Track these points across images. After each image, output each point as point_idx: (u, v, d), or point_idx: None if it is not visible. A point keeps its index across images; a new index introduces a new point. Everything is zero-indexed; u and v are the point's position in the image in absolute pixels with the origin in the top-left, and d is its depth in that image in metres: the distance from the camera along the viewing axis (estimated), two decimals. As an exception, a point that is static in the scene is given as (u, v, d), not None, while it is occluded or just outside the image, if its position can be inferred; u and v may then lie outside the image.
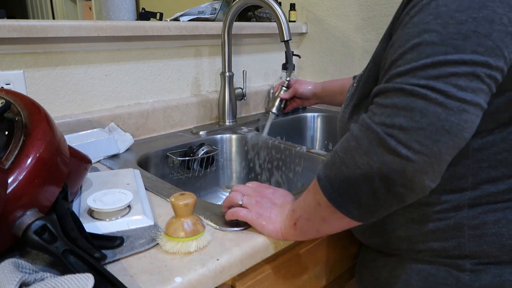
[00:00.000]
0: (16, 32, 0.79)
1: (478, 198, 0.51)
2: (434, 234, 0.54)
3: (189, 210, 0.53)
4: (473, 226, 0.51)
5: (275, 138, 1.06)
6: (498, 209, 0.51)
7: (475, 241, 0.51)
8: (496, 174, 0.50)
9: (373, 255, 0.65)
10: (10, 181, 0.45)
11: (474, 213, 0.51)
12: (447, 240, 0.53)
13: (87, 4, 2.68)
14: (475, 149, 0.50)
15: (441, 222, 0.53)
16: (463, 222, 0.52)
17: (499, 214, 0.50)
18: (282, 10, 0.94)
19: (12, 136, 0.48)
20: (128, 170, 0.75)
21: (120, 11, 1.36)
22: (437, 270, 0.55)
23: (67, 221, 0.49)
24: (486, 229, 0.51)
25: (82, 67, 0.93)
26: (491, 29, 0.40)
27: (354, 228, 0.66)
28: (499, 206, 0.51)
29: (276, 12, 0.93)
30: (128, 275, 0.48)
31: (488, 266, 0.52)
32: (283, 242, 0.60)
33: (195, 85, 1.18)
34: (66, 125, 0.89)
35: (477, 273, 0.52)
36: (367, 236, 0.64)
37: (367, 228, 0.62)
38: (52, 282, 0.40)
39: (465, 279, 0.52)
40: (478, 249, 0.51)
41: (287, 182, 1.03)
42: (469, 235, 0.51)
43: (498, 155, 0.49)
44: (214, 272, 0.51)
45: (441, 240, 0.53)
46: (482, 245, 0.51)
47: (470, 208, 0.51)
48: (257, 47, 1.34)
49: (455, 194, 0.52)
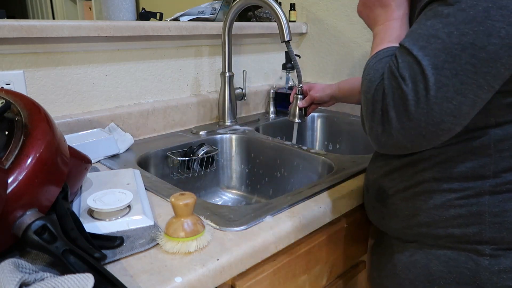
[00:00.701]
0: (16, 32, 0.79)
1: (499, 185, 0.54)
2: (455, 220, 0.56)
3: (189, 210, 0.53)
4: (494, 214, 0.54)
5: (275, 138, 1.06)
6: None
7: (495, 227, 0.54)
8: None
9: (390, 241, 0.67)
10: (10, 181, 0.45)
11: (495, 201, 0.54)
12: (468, 227, 0.55)
13: (87, 4, 2.69)
14: (496, 140, 0.53)
15: (463, 209, 0.55)
16: (484, 209, 0.54)
17: None
18: (283, 10, 0.94)
19: (12, 136, 0.48)
20: (128, 170, 0.75)
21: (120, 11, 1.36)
22: (457, 255, 0.57)
23: (67, 221, 0.49)
24: (506, 217, 0.54)
25: (82, 67, 0.93)
26: (487, 42, 0.45)
27: (372, 214, 0.70)
28: None
29: (276, 12, 0.93)
30: (128, 275, 0.48)
31: (507, 251, 0.54)
32: (283, 242, 0.60)
33: (195, 85, 1.18)
34: (66, 125, 0.89)
35: (496, 258, 0.55)
36: (387, 221, 0.66)
37: (387, 213, 0.65)
38: (52, 282, 0.40)
39: (484, 263, 0.55)
40: (498, 235, 0.54)
41: (287, 182, 1.03)
42: (490, 222, 0.54)
43: None
44: (214, 272, 0.51)
45: (462, 227, 0.56)
46: (502, 232, 0.54)
47: (491, 195, 0.54)
48: (257, 47, 1.34)
49: (477, 182, 0.55)
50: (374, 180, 0.68)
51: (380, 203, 0.67)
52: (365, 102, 0.55)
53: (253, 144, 1.08)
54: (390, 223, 0.65)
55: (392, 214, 0.64)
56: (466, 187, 0.55)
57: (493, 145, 0.53)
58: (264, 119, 1.26)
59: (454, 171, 0.56)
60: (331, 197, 0.71)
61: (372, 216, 0.71)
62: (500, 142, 0.53)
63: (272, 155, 1.04)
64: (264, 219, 0.62)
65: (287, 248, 0.64)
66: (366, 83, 0.55)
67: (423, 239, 0.61)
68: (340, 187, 0.75)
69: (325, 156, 0.93)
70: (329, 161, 0.90)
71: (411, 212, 0.61)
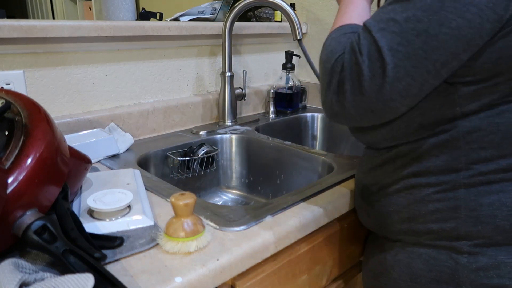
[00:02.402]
0: (16, 32, 0.79)
1: (473, 177, 0.55)
2: (433, 215, 0.58)
3: (189, 210, 0.53)
4: (470, 208, 0.55)
5: (275, 138, 1.06)
6: (492, 192, 0.55)
7: (471, 222, 0.55)
8: (486, 154, 0.54)
9: (378, 241, 0.69)
10: (10, 181, 0.45)
11: (470, 195, 0.55)
12: (445, 222, 0.57)
13: (87, 4, 2.68)
14: (465, 132, 0.55)
15: (440, 203, 0.57)
16: (460, 204, 0.56)
17: (493, 197, 0.54)
18: (294, 11, 0.98)
19: (12, 136, 0.48)
20: (128, 170, 0.75)
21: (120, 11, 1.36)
22: (437, 253, 0.58)
23: (67, 221, 0.49)
24: (481, 211, 0.55)
25: (82, 67, 0.93)
26: (439, 31, 0.48)
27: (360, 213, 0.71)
28: (493, 189, 0.54)
29: (288, 13, 0.98)
30: (128, 275, 0.48)
31: (484, 248, 0.55)
32: (283, 242, 0.60)
33: (195, 85, 1.18)
34: (66, 125, 0.89)
35: (474, 255, 0.56)
36: (372, 219, 0.67)
37: (372, 211, 0.66)
38: (52, 282, 0.40)
39: (463, 261, 0.56)
40: (474, 230, 0.55)
41: (287, 182, 1.03)
42: (466, 216, 0.55)
43: (485, 137, 0.54)
44: (214, 272, 0.51)
45: (440, 221, 0.57)
46: (478, 226, 0.55)
47: (466, 188, 0.55)
48: (257, 47, 1.34)
49: (452, 174, 0.56)
50: (359, 179, 0.70)
51: (365, 201, 0.68)
52: (324, 71, 0.58)
53: (253, 144, 1.08)
54: (375, 221, 0.66)
55: (377, 212, 0.65)
56: (442, 181, 0.57)
57: (462, 137, 0.55)
58: (264, 119, 1.26)
59: (430, 165, 0.57)
60: (331, 197, 0.71)
61: (360, 215, 0.72)
62: (468, 134, 0.54)
63: (272, 155, 1.04)
64: (264, 219, 0.62)
65: (287, 248, 0.64)
66: (327, 53, 0.58)
67: (405, 237, 0.62)
68: (340, 187, 0.75)
69: (325, 156, 0.93)
70: (329, 161, 0.90)
71: (393, 209, 0.62)
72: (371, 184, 0.66)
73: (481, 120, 0.54)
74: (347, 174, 0.80)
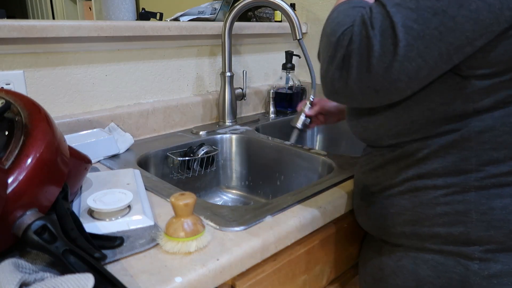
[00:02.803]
0: (16, 32, 0.79)
1: (483, 180, 0.53)
2: (440, 218, 0.55)
3: (189, 210, 0.53)
4: (480, 212, 0.53)
5: (275, 138, 1.06)
6: (504, 195, 0.52)
7: (483, 226, 0.53)
8: (498, 155, 0.52)
9: (377, 244, 0.66)
10: (10, 181, 0.45)
11: (482, 198, 0.53)
12: (453, 226, 0.54)
13: (87, 4, 2.68)
14: (477, 132, 0.52)
15: (448, 206, 0.54)
16: (471, 207, 0.53)
17: (506, 200, 0.52)
18: (294, 11, 0.98)
19: (12, 136, 0.48)
20: (128, 170, 0.75)
21: (120, 11, 1.36)
22: (444, 259, 0.56)
23: (67, 221, 0.49)
24: (493, 215, 0.52)
25: (82, 67, 0.93)
26: (458, 13, 0.45)
27: (359, 215, 0.69)
28: (506, 192, 0.52)
29: (288, 13, 0.98)
30: (128, 275, 0.48)
31: (496, 254, 0.53)
32: (283, 242, 0.60)
33: (195, 85, 1.18)
34: (66, 125, 0.89)
35: (486, 262, 0.53)
36: (372, 221, 0.64)
37: (372, 213, 0.63)
38: (52, 282, 0.40)
39: (474, 268, 0.53)
40: (485, 234, 0.53)
41: (287, 182, 1.03)
42: (476, 220, 0.53)
43: (499, 137, 0.52)
44: (214, 272, 0.51)
45: (447, 226, 0.55)
46: (490, 231, 0.53)
47: (477, 191, 0.53)
48: (257, 47, 1.34)
49: (461, 176, 0.54)
50: (358, 179, 0.68)
51: (365, 202, 0.66)
52: (327, 44, 0.54)
53: (253, 144, 1.08)
54: (375, 222, 0.64)
55: (377, 213, 0.63)
56: (451, 183, 0.54)
57: (474, 137, 0.52)
58: (264, 119, 1.26)
59: (436, 167, 0.55)
60: (331, 197, 0.71)
61: (358, 216, 0.69)
62: (480, 134, 0.52)
63: (272, 155, 1.04)
64: (264, 219, 0.62)
65: (287, 248, 0.64)
66: (333, 25, 0.54)
67: (406, 241, 0.59)
68: (340, 187, 0.75)
69: (325, 156, 0.93)
70: (329, 161, 0.90)
71: (395, 211, 0.60)
72: (372, 184, 0.64)
73: (495, 119, 0.51)
74: (347, 174, 0.80)
